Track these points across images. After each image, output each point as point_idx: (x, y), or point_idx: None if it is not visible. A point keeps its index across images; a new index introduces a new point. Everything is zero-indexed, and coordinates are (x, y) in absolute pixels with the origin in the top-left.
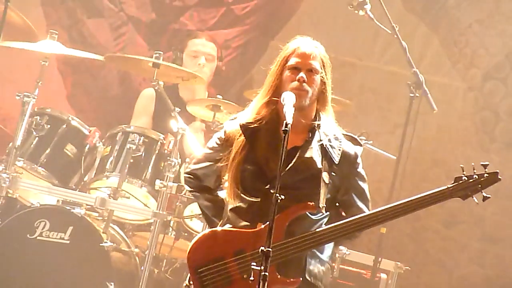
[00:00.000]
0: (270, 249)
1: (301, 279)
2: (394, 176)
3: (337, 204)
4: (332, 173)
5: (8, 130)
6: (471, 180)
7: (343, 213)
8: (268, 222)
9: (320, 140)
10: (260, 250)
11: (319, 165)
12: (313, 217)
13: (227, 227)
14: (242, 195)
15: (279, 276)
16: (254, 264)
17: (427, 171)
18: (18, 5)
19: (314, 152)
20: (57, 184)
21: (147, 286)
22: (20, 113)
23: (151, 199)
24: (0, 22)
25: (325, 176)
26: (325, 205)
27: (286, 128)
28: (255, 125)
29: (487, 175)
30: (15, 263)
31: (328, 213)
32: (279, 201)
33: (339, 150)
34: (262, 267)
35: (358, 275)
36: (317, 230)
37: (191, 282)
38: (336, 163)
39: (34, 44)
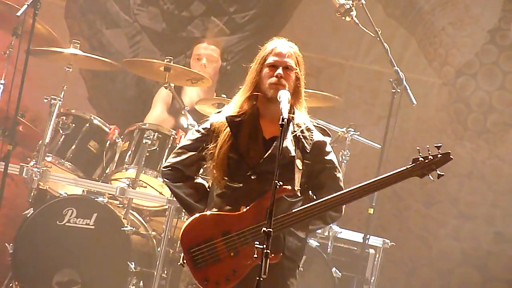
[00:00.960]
0: (271, 229)
1: (281, 254)
2: (379, 163)
3: (309, 192)
4: (305, 161)
5: (37, 130)
6: (426, 161)
7: (314, 197)
8: (250, 206)
9: (294, 131)
10: (262, 230)
11: (293, 153)
12: (289, 199)
13: (214, 211)
14: (226, 182)
15: None
16: (257, 243)
17: (408, 158)
18: (44, 19)
19: (288, 142)
20: (82, 176)
21: (163, 265)
22: (48, 114)
23: (165, 188)
24: (29, 33)
25: (298, 163)
26: (299, 188)
27: (282, 123)
28: (239, 118)
29: (440, 155)
30: (46, 247)
31: (302, 197)
32: (277, 187)
33: (311, 140)
34: (265, 246)
35: (349, 251)
36: (294, 210)
37: (185, 261)
38: (308, 151)
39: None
